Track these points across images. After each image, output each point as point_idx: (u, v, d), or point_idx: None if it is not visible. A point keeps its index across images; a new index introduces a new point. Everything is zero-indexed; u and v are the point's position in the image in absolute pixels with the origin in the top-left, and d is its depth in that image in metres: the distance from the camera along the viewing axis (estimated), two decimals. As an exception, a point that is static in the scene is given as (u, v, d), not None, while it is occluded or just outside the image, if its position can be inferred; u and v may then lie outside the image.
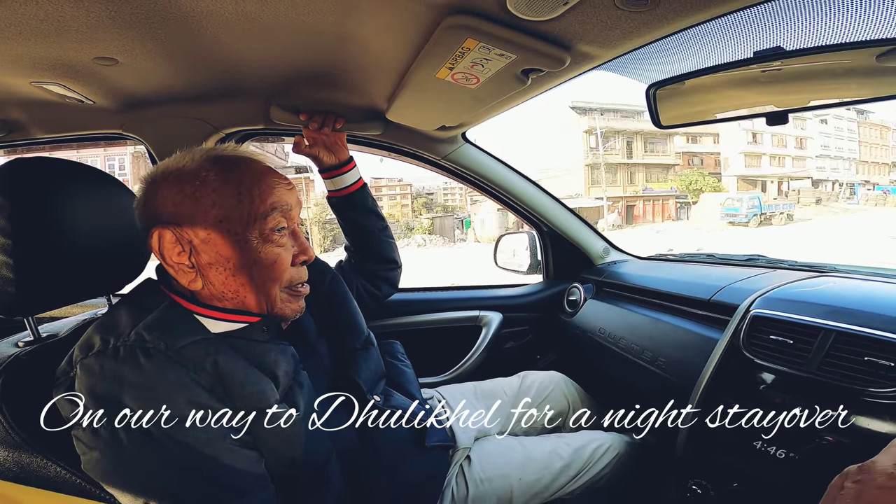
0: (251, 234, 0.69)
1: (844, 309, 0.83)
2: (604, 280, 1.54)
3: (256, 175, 0.71)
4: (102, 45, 0.86)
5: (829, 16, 0.59)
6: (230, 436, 0.61)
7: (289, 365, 0.72)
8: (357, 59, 0.96)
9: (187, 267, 0.68)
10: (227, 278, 0.69)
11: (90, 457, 0.57)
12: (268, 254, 0.71)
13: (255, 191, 0.70)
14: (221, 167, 0.70)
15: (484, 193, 1.56)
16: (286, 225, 0.73)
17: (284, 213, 0.72)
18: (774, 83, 0.68)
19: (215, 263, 0.69)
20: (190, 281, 0.68)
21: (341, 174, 1.18)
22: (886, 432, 0.68)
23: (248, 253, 0.69)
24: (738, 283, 1.12)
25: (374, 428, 0.85)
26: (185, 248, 0.67)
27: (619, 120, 27.38)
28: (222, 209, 0.68)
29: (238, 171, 0.70)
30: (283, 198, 0.73)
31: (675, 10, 0.58)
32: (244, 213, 0.69)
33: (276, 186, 0.72)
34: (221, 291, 0.70)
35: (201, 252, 0.68)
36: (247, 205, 0.69)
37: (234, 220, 0.68)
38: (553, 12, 0.62)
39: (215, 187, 0.68)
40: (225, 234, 0.68)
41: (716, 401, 0.90)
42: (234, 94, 1.20)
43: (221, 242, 0.68)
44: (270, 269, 0.71)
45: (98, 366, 0.58)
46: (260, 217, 0.70)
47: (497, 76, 0.83)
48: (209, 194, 0.68)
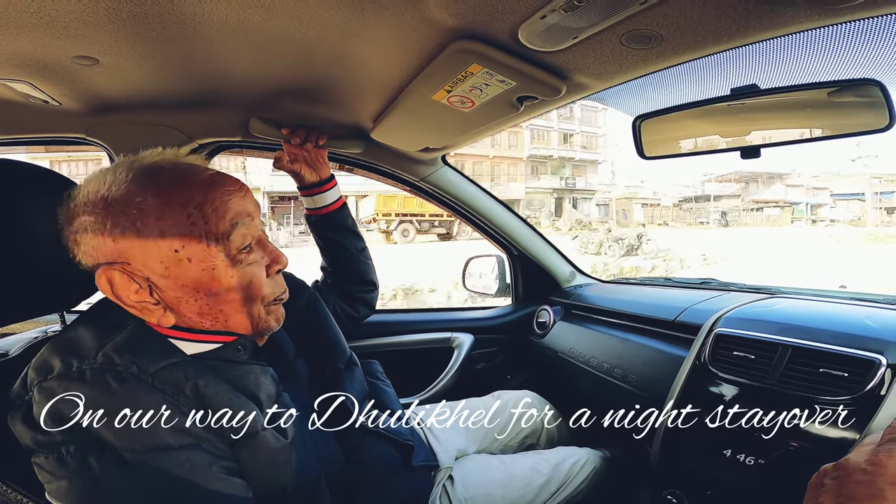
0: (216, 259, 0.61)
1: (797, 326, 0.92)
2: (571, 302, 1.60)
3: (203, 187, 0.62)
4: (87, 44, 0.82)
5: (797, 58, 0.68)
6: (216, 463, 0.57)
7: (270, 387, 0.68)
8: (351, 76, 0.97)
9: (152, 304, 0.60)
10: (203, 306, 0.63)
11: (56, 486, 0.51)
12: (241, 276, 0.64)
13: (207, 208, 0.61)
14: (158, 186, 0.60)
15: (458, 216, 1.60)
16: (251, 237, 0.66)
17: (247, 225, 0.65)
18: (747, 115, 0.77)
19: (183, 297, 0.61)
20: (159, 318, 0.61)
21: (322, 192, 1.15)
22: (845, 436, 0.75)
23: (219, 280, 0.62)
24: (699, 304, 1.21)
25: (362, 448, 0.83)
26: (142, 284, 0.59)
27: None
28: (174, 238, 0.59)
29: (180, 186, 0.61)
30: (240, 208, 0.64)
31: (673, 50, 0.65)
32: (201, 236, 0.60)
33: (230, 197, 0.64)
34: (200, 319, 0.63)
35: (164, 288, 0.60)
36: (202, 226, 0.60)
37: (193, 248, 0.60)
38: (560, 45, 0.67)
39: (158, 214, 0.59)
40: (186, 264, 0.60)
41: (686, 413, 0.96)
42: (213, 103, 1.17)
43: (184, 274, 0.60)
44: (247, 289, 0.65)
45: (61, 390, 0.52)
46: (222, 238, 0.62)
47: (493, 101, 0.87)
48: (153, 223, 0.58)
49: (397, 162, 1.42)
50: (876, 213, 34.46)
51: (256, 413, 0.62)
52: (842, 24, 0.57)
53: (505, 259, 1.76)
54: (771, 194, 37.74)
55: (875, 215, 33.76)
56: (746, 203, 36.96)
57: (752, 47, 0.63)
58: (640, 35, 0.64)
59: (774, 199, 37.40)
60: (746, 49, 0.63)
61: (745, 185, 38.46)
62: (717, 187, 38.90)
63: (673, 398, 0.99)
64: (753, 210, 36.42)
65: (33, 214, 0.66)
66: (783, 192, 38.14)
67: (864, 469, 0.44)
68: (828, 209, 38.24)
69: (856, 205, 36.97)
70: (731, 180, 39.18)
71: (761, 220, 34.90)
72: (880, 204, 37.28)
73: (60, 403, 0.52)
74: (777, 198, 37.46)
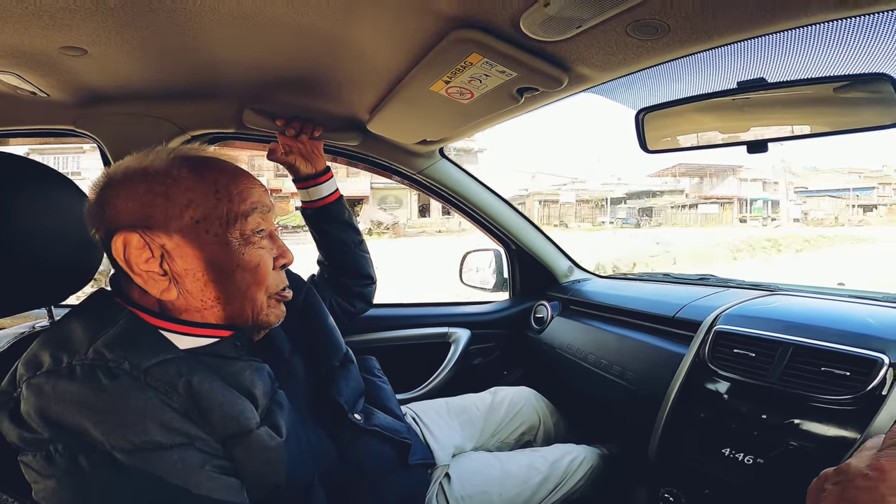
0: (232, 236, 0.64)
1: (799, 324, 0.91)
2: (570, 298, 1.59)
3: (232, 174, 0.67)
4: (75, 34, 0.79)
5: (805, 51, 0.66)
6: (209, 462, 0.56)
7: (266, 384, 0.66)
8: (347, 66, 0.95)
9: (158, 275, 0.61)
10: (205, 286, 0.64)
11: (44, 486, 0.50)
12: (251, 256, 0.66)
13: (233, 189, 0.66)
14: (193, 165, 0.65)
15: (456, 210, 1.58)
16: (265, 227, 0.69)
17: (263, 214, 0.69)
18: (753, 110, 0.75)
19: (192, 270, 0.63)
20: (162, 290, 0.61)
21: (317, 184, 1.13)
22: (845, 436, 0.74)
23: (230, 256, 0.64)
24: (698, 300, 1.20)
25: (357, 447, 0.82)
26: (155, 253, 0.61)
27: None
28: (199, 209, 0.63)
29: (213, 169, 0.66)
30: (261, 198, 0.69)
31: (680, 41, 0.63)
32: (223, 213, 0.64)
33: (254, 186, 0.69)
34: (198, 302, 0.64)
35: (176, 258, 0.62)
36: (226, 204, 0.64)
37: (213, 221, 0.63)
38: (563, 35, 0.65)
39: (189, 185, 0.63)
40: (203, 235, 0.63)
41: (684, 411, 0.95)
42: (206, 94, 1.14)
43: (199, 245, 0.63)
44: (254, 272, 0.67)
45: (50, 386, 0.51)
46: (241, 217, 0.65)
47: (492, 92, 0.85)
48: (183, 192, 0.62)
49: (394, 154, 1.40)
50: (850, 212, 32.67)
51: (251, 411, 0.61)
52: (855, 18, 0.55)
53: (503, 253, 1.74)
54: (725, 189, 33.35)
55: (848, 214, 32.20)
56: (692, 199, 32.96)
57: (761, 40, 0.61)
58: (647, 25, 0.62)
59: (728, 195, 32.94)
60: (754, 42, 0.61)
61: (698, 180, 33.81)
62: (659, 182, 34.90)
63: (671, 396, 0.98)
64: (686, 207, 32.50)
65: (20, 207, 0.65)
66: (736, 188, 33.78)
67: (866, 475, 0.43)
68: (792, 206, 34.97)
69: (827, 202, 34.75)
70: (674, 174, 34.46)
71: (696, 218, 31.31)
72: (858, 201, 35.30)
73: (49, 400, 0.51)
74: (730, 193, 33.10)
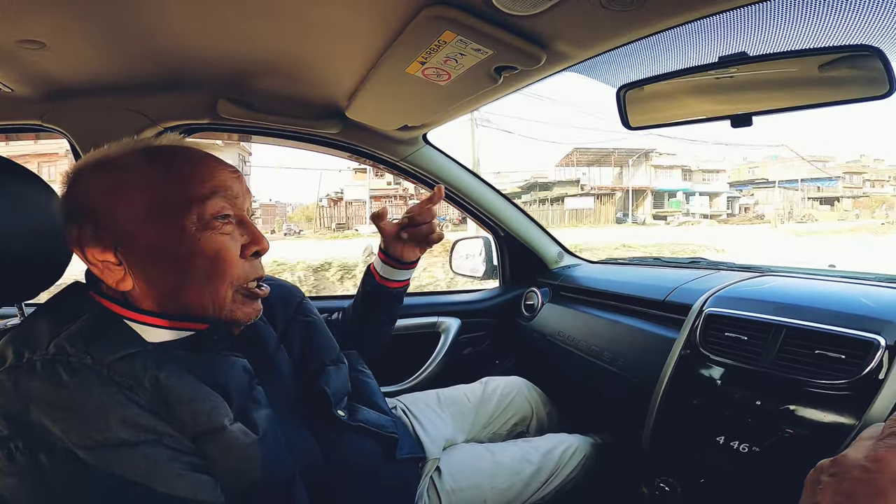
0: (187, 221, 0.60)
1: (791, 305, 0.88)
2: (560, 284, 1.56)
3: (193, 159, 0.64)
4: (30, 26, 0.76)
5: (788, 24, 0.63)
6: (179, 459, 0.53)
7: (241, 379, 0.64)
8: (322, 49, 0.91)
9: (113, 264, 0.59)
10: (163, 275, 0.61)
11: (6, 483, 0.48)
12: (209, 242, 0.61)
13: (187, 172, 0.62)
14: (148, 152, 0.62)
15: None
16: (231, 212, 0.64)
17: (229, 199, 0.64)
18: (736, 88, 0.72)
19: (146, 257, 0.60)
20: (118, 281, 0.60)
21: (405, 269, 1.04)
22: (842, 422, 0.71)
23: (185, 242, 0.60)
24: (688, 283, 1.17)
25: (342, 444, 0.79)
26: (108, 243, 0.59)
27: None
28: (150, 193, 0.60)
29: (170, 154, 0.63)
30: (226, 182, 0.64)
31: (658, 12, 0.59)
32: (177, 197, 0.60)
33: (218, 170, 0.64)
34: (155, 292, 0.61)
35: (129, 246, 0.59)
36: (179, 187, 0.61)
37: (166, 206, 0.60)
38: (537, 8, 0.61)
39: (141, 171, 0.60)
40: (155, 221, 0.60)
41: (677, 398, 0.93)
42: (176, 84, 1.10)
43: (151, 232, 0.60)
44: (214, 261, 0.62)
45: (10, 382, 0.50)
46: (197, 200, 0.61)
47: (470, 73, 0.81)
48: (134, 179, 0.60)
49: (375, 141, 1.36)
50: (802, 206, 29.89)
51: (223, 407, 0.59)
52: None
53: (492, 240, 1.71)
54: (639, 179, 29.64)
55: (800, 208, 29.52)
56: (586, 190, 29.04)
57: (741, 12, 0.57)
58: (621, -6, 0.58)
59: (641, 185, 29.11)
60: (735, 14, 0.58)
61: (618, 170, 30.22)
62: (560, 172, 30.79)
63: (664, 382, 0.96)
64: (548, 202, 28.67)
65: None
66: (649, 177, 29.87)
67: (864, 466, 0.41)
68: (723, 199, 31.99)
69: (776, 193, 32.14)
70: (574, 163, 30.24)
71: (561, 216, 27.21)
72: (819, 193, 32.91)
73: (9, 397, 0.49)
74: (641, 184, 29.45)
